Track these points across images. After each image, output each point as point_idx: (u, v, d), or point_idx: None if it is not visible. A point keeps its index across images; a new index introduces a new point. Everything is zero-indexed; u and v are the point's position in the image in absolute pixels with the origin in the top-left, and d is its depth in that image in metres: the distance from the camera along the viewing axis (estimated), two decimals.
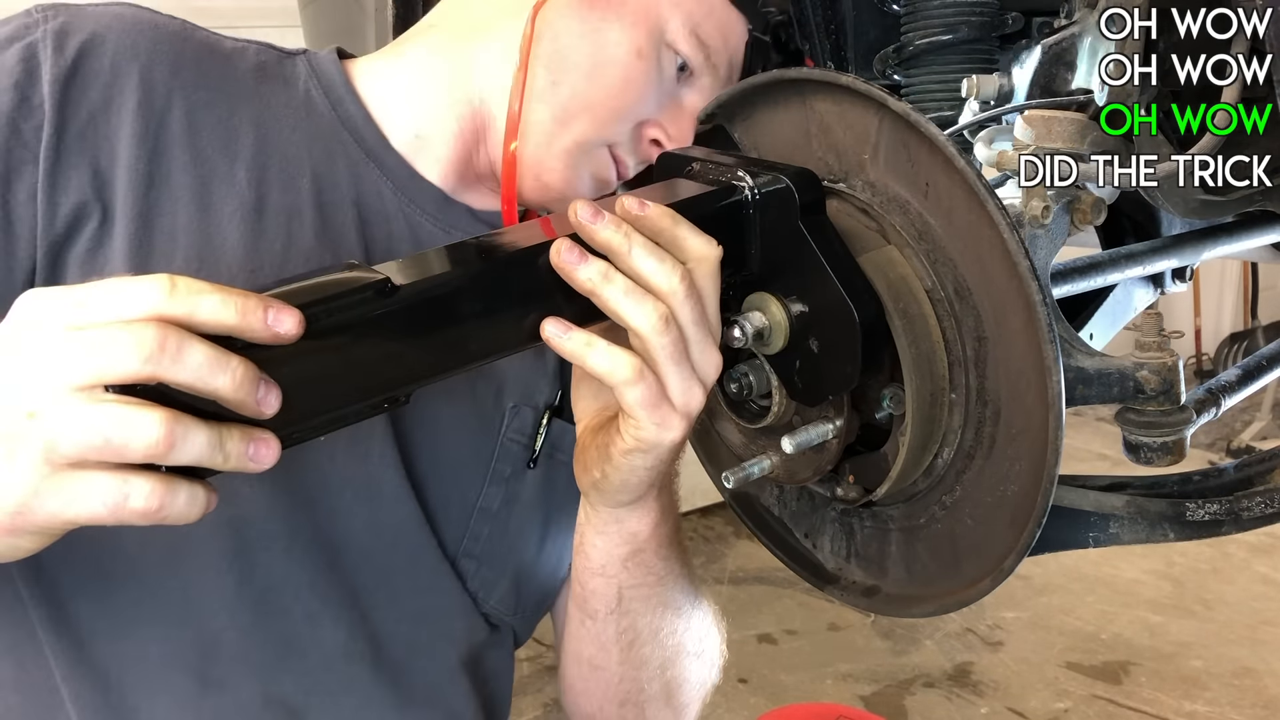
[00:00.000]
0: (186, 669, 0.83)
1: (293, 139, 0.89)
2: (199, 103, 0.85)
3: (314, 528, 0.86)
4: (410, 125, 0.93)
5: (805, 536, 0.88)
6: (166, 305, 0.53)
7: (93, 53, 0.82)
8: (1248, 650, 3.49)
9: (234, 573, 0.83)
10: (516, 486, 0.95)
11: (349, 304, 0.59)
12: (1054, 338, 0.63)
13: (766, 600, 3.66)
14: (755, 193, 0.71)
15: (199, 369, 0.53)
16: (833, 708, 2.85)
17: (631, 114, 0.91)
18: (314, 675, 0.87)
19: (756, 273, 0.73)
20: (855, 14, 1.11)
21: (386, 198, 0.92)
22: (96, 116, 0.81)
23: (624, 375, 0.66)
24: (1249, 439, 5.22)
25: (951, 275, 0.71)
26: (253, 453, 0.56)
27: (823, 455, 0.76)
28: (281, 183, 0.87)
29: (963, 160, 0.66)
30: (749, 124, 0.84)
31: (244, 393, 0.54)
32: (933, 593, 0.77)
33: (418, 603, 0.92)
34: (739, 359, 0.78)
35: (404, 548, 0.90)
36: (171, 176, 0.83)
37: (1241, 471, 0.83)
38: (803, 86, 0.78)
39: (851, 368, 0.69)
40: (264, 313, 0.54)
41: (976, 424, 0.71)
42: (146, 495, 0.53)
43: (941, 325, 0.71)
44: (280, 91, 0.91)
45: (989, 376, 0.70)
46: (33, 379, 0.53)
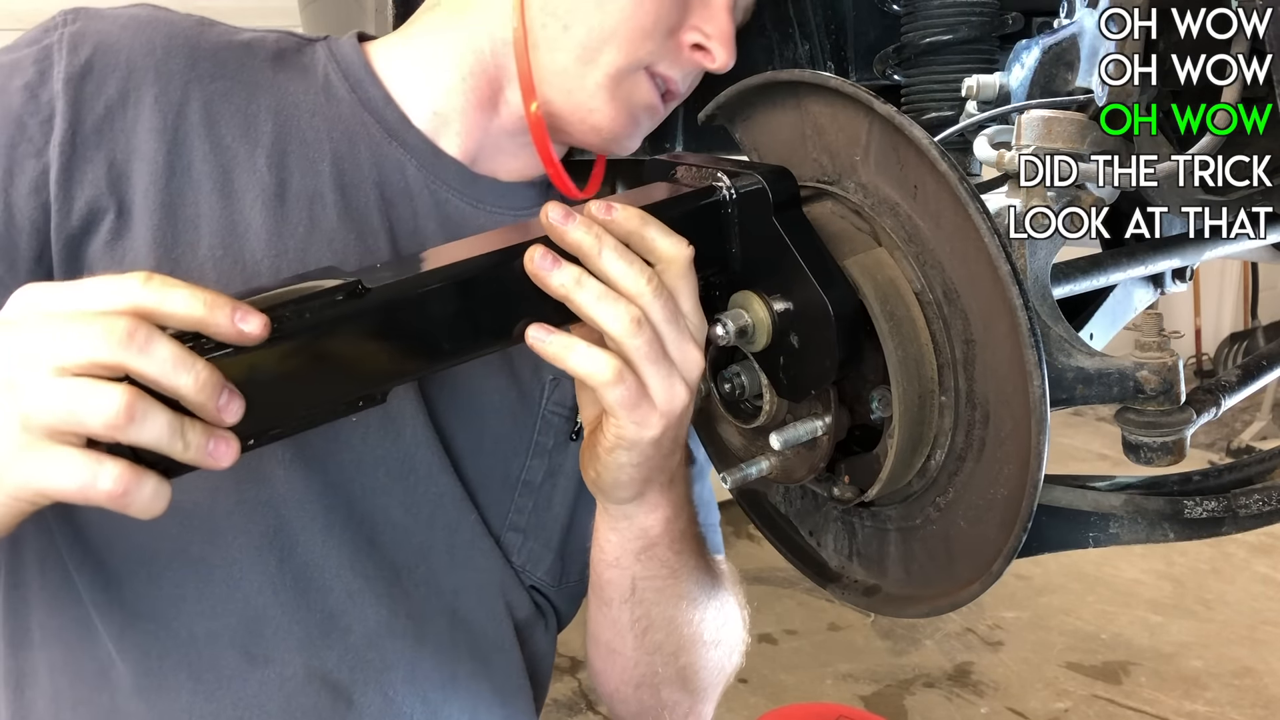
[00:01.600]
0: (232, 645, 0.85)
1: (312, 123, 0.90)
2: (217, 93, 0.87)
3: (349, 506, 0.87)
4: (428, 103, 0.94)
5: (810, 534, 0.89)
6: (139, 296, 0.57)
7: (108, 51, 0.84)
8: (1248, 650, 3.49)
9: (274, 552, 0.85)
10: (559, 459, 0.96)
11: (320, 306, 0.60)
12: (1036, 343, 0.63)
13: (766, 600, 3.66)
14: (732, 193, 0.72)
15: (164, 363, 0.56)
16: (833, 708, 2.85)
17: (659, 26, 0.89)
18: (357, 651, 0.88)
19: (739, 272, 0.74)
20: (855, 14, 1.11)
21: (410, 176, 0.93)
22: (113, 112, 0.83)
23: (604, 377, 0.68)
24: (1249, 439, 5.22)
25: (940, 278, 0.71)
26: (212, 448, 0.58)
27: (815, 453, 0.76)
28: (302, 167, 0.88)
29: (945, 163, 0.66)
30: (749, 124, 0.85)
31: (205, 395, 0.57)
32: (930, 593, 0.77)
33: (459, 578, 0.93)
34: (733, 360, 0.78)
35: (442, 524, 0.92)
36: (192, 167, 0.84)
37: (1241, 471, 0.83)
38: (797, 88, 0.78)
39: (830, 361, 0.69)
40: (231, 311, 0.57)
41: (967, 426, 0.71)
42: (114, 478, 0.56)
43: (930, 328, 0.71)
44: (299, 78, 0.93)
45: (978, 379, 0.70)
46: (14, 355, 0.57)
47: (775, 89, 0.80)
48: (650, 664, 0.96)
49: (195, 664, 0.85)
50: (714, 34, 0.91)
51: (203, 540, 0.84)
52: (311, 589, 0.87)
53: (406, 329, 0.64)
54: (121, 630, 0.84)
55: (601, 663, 0.99)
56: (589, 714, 3.22)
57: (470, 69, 0.93)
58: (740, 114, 0.85)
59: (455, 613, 0.94)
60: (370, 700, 0.89)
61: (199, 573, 0.85)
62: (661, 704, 0.99)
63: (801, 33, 1.14)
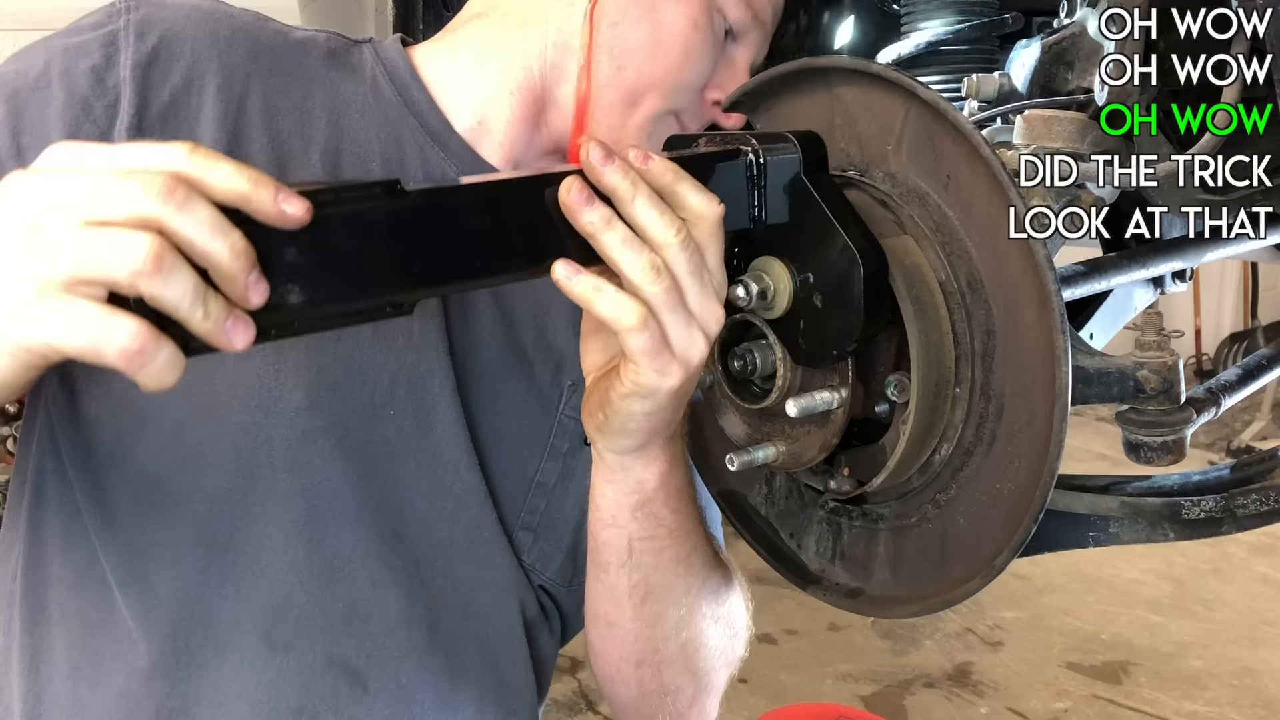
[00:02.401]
0: (255, 630, 0.86)
1: (363, 124, 0.92)
2: (275, 88, 0.89)
3: (380, 498, 0.89)
4: (472, 111, 0.96)
5: (790, 537, 0.88)
6: (184, 163, 0.55)
7: (174, 39, 0.85)
8: (1248, 650, 3.49)
9: (304, 540, 0.86)
10: (573, 462, 0.98)
11: (359, 197, 0.60)
12: (1066, 328, 0.63)
13: (766, 600, 3.65)
14: (760, 155, 0.72)
15: (201, 226, 0.53)
16: (833, 708, 2.86)
17: (694, 82, 0.95)
18: (375, 640, 0.90)
19: (762, 238, 0.74)
20: (855, 14, 1.11)
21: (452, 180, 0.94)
22: (178, 98, 0.84)
23: (629, 322, 0.68)
24: (1249, 439, 5.23)
25: (965, 268, 0.71)
26: (230, 325, 0.55)
27: (828, 429, 0.75)
28: (353, 165, 0.90)
29: (989, 149, 0.66)
30: (772, 113, 0.84)
31: (238, 267, 0.54)
32: (918, 594, 0.77)
33: (475, 573, 0.95)
34: (745, 339, 0.78)
35: (464, 519, 0.93)
36: (250, 158, 0.85)
37: (1240, 471, 0.83)
38: (829, 75, 0.78)
39: (856, 317, 0.69)
40: (275, 190, 0.55)
41: (979, 420, 0.71)
42: (130, 334, 0.53)
43: (952, 317, 0.72)
44: (349, 78, 0.94)
45: (995, 371, 0.70)
46: (42, 199, 0.55)
47: (804, 75, 0.80)
48: (651, 638, 0.96)
49: (217, 647, 0.86)
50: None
51: (231, 525, 0.85)
52: (337, 578, 0.88)
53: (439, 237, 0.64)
54: (146, 612, 0.85)
55: (601, 640, 0.99)
56: (589, 714, 3.23)
57: (518, 84, 0.95)
58: (764, 103, 0.85)
59: (469, 606, 0.95)
60: (384, 686, 0.90)
61: (226, 558, 0.85)
62: (664, 688, 0.99)
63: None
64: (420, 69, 0.97)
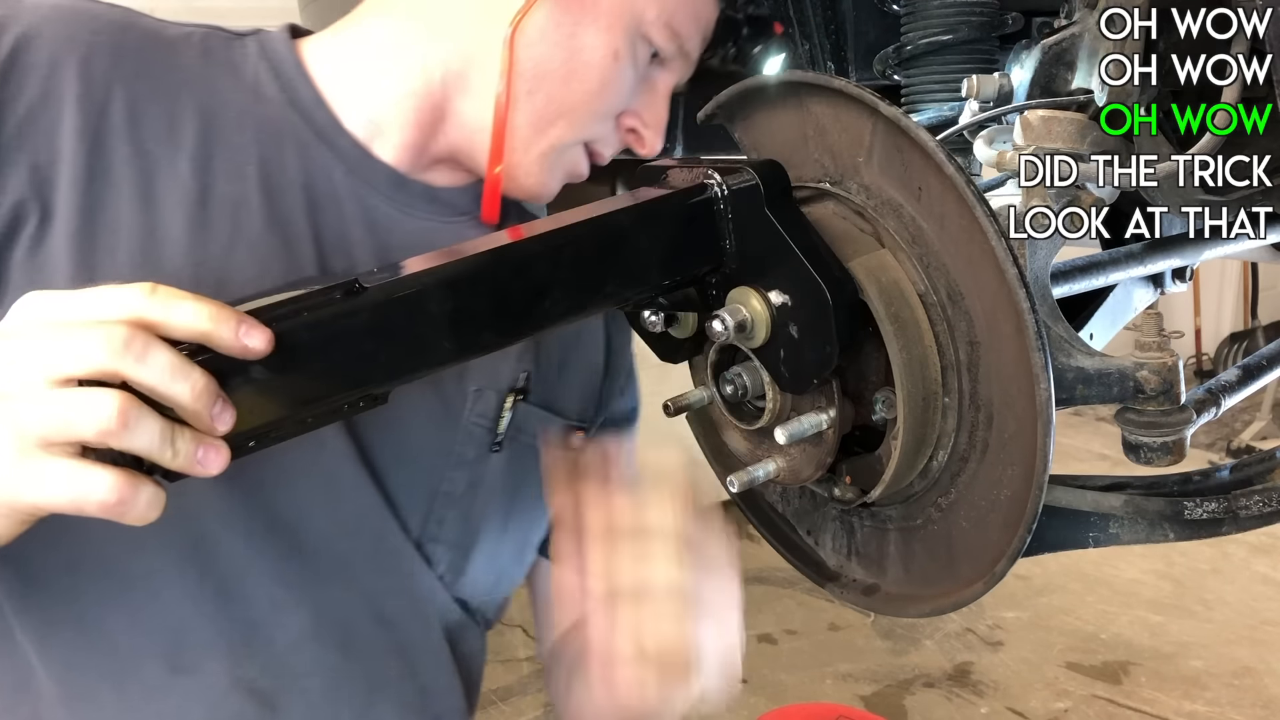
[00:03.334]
0: (156, 656, 0.85)
1: (239, 125, 0.87)
2: (141, 93, 0.84)
3: (271, 516, 0.86)
4: (365, 110, 0.92)
5: (808, 534, 0.89)
6: (143, 308, 0.57)
7: (29, 47, 0.80)
8: (1248, 650, 3.49)
9: (196, 562, 0.84)
10: (480, 470, 0.95)
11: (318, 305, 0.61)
12: (1043, 345, 0.63)
13: (766, 600, 3.66)
14: (723, 189, 0.73)
15: (161, 372, 0.56)
16: (833, 708, 2.86)
17: (609, 112, 0.92)
18: (281, 659, 0.88)
19: (736, 269, 0.75)
20: (855, 14, 1.11)
21: (338, 180, 0.90)
22: (35, 111, 0.80)
23: None
24: (1249, 439, 5.23)
25: (944, 279, 0.71)
26: (201, 455, 0.58)
27: (821, 448, 0.76)
28: (227, 171, 0.85)
29: (952, 166, 0.66)
30: (748, 124, 0.85)
31: (201, 404, 0.57)
32: (930, 593, 0.77)
33: (384, 582, 0.93)
34: (734, 362, 0.78)
35: (366, 535, 0.91)
36: (113, 170, 0.81)
37: (1240, 471, 0.83)
38: (799, 89, 0.78)
39: (830, 347, 0.70)
40: (236, 324, 0.57)
41: (970, 428, 0.71)
42: (108, 489, 0.56)
43: (934, 329, 0.71)
44: (227, 76, 0.89)
45: (982, 381, 0.70)
46: (11, 366, 0.57)
47: (776, 89, 0.80)
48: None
49: (119, 675, 0.84)
50: (650, 122, 0.95)
51: (124, 551, 0.83)
52: (234, 599, 0.86)
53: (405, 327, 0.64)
54: (43, 640, 0.83)
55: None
56: None
57: (415, 89, 0.91)
58: (740, 114, 0.85)
59: (381, 616, 0.93)
60: (293, 705, 0.88)
61: (121, 584, 0.83)
62: None
63: (801, 33, 1.14)
64: (309, 64, 0.92)
